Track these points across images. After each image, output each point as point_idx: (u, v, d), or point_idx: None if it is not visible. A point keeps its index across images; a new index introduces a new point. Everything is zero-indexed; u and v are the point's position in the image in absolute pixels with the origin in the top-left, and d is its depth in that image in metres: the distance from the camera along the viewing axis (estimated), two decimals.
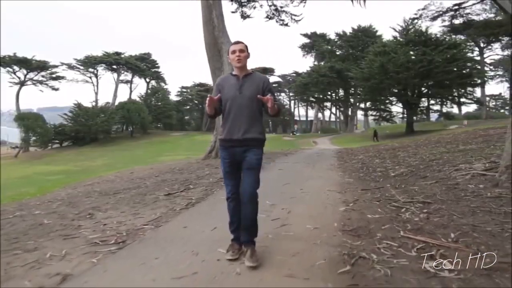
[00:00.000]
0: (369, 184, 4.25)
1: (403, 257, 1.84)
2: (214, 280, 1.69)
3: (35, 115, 36.81)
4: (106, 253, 2.22)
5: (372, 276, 1.64)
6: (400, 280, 1.57)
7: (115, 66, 47.18)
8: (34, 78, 41.48)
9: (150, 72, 51.42)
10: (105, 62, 46.06)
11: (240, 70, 2.06)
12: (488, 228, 2.08)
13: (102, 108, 39.91)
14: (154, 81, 53.53)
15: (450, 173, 3.98)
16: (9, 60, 38.28)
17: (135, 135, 39.78)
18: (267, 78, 2.15)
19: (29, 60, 38.96)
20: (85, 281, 1.79)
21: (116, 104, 43.72)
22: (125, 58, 46.88)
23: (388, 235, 2.19)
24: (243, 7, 14.66)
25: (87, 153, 30.53)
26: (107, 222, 3.04)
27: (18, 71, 40.09)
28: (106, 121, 36.24)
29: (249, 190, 1.96)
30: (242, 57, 2.01)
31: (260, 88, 2.02)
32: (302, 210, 3.08)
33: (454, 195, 3.03)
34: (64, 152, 33.45)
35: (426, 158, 6.03)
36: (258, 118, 2.04)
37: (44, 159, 30.70)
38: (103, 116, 36.51)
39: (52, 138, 36.17)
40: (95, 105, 41.42)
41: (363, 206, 3.09)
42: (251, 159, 1.98)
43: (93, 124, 35.20)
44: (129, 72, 49.71)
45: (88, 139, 35.63)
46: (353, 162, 7.28)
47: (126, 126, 42.67)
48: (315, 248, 2.08)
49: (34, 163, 27.62)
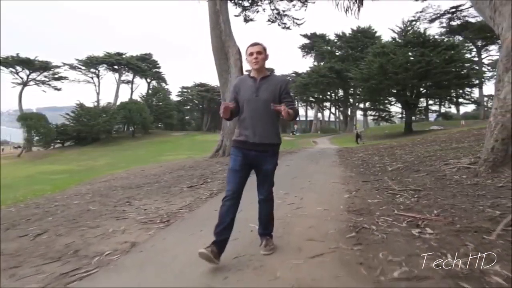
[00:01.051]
0: (368, 177, 4.79)
1: (396, 227, 2.37)
2: (252, 243, 2.22)
3: (38, 115, 37.03)
4: (157, 229, 2.75)
5: (372, 239, 2.17)
6: (393, 241, 2.11)
7: (116, 66, 47.67)
8: (36, 78, 41.94)
9: (151, 72, 51.93)
10: (106, 62, 46.54)
11: (257, 72, 2.02)
12: (463, 206, 2.62)
13: (104, 108, 40.30)
14: (155, 81, 54.07)
15: (440, 167, 4.54)
16: (12, 61, 38.68)
17: (136, 135, 40.22)
18: (285, 80, 2.11)
19: (32, 60, 39.39)
20: (151, 245, 2.32)
21: (117, 104, 44.15)
22: (126, 58, 47.40)
23: (384, 213, 2.73)
24: (247, 10, 15.21)
25: (89, 153, 30.71)
26: (146, 208, 3.57)
27: (21, 71, 40.53)
28: (108, 121, 36.70)
29: (265, 194, 2.05)
30: (259, 59, 1.98)
31: (277, 91, 1.99)
32: (312, 197, 3.62)
33: (440, 184, 3.58)
34: (66, 152, 33.70)
35: (420, 155, 6.57)
36: (274, 121, 2.01)
37: (47, 158, 30.91)
38: (105, 116, 36.95)
39: (55, 138, 36.55)
40: (97, 105, 41.85)
41: (364, 194, 3.63)
42: (267, 169, 2.00)
43: (95, 124, 35.61)
44: (130, 72, 50.21)
45: (90, 139, 36.01)
46: (353, 160, 7.82)
47: (127, 126, 43.07)
48: (326, 223, 2.62)
49: (37, 163, 27.88)
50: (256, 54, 1.98)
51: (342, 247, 2.05)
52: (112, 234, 2.66)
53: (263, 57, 2.00)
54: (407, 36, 26.87)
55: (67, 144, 37.95)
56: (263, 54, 2.00)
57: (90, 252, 2.23)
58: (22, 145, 36.33)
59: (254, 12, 15.15)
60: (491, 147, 3.57)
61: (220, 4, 10.67)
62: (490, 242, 1.88)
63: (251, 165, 1.99)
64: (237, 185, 1.93)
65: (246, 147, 1.96)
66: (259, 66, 1.99)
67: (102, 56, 45.95)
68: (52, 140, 36.38)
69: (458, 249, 1.83)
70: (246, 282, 1.66)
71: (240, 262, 1.93)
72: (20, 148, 37.04)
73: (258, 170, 2.01)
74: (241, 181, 1.95)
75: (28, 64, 39.53)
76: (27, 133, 34.67)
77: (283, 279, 1.66)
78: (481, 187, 3.13)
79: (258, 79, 2.02)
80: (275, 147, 2.04)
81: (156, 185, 5.56)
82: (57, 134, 36.41)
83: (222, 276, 1.74)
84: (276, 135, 2.03)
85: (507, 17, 3.77)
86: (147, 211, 3.44)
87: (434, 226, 2.27)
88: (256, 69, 2.01)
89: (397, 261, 1.76)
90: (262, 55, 2.00)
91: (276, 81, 2.03)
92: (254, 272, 1.78)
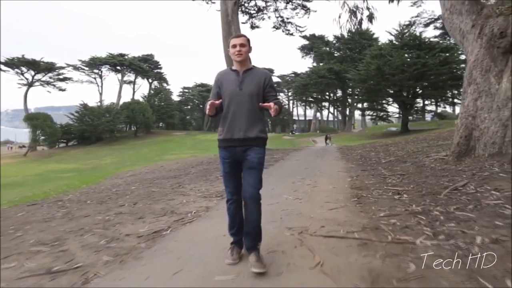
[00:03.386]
0: (366, 167, 5.96)
1: (384, 195, 3.53)
2: (293, 207, 3.36)
3: (44, 115, 37.61)
4: (217, 200, 3.88)
5: (368, 201, 3.33)
6: (381, 201, 3.26)
7: (119, 67, 48.56)
8: (42, 79, 42.78)
9: (152, 73, 52.82)
10: (109, 63, 47.41)
11: (240, 65, 1.95)
12: (430, 182, 3.79)
13: (107, 108, 40.92)
14: (157, 82, 55.01)
15: (422, 159, 5.71)
16: (18, 62, 39.49)
17: (138, 134, 40.98)
18: (268, 73, 2.03)
19: (37, 62, 40.25)
20: (218, 208, 3.44)
21: (120, 104, 44.95)
22: (129, 59, 48.24)
23: (377, 188, 3.89)
24: (253, 18, 16.35)
25: (94, 152, 31.17)
26: (199, 188, 4.70)
27: (26, 72, 41.34)
28: (111, 121, 37.46)
29: (250, 190, 1.87)
30: (243, 51, 1.91)
31: (261, 85, 1.94)
32: (323, 180, 4.78)
33: (419, 170, 4.74)
34: (71, 151, 34.14)
35: (410, 151, 7.76)
36: (259, 115, 1.93)
37: (53, 157, 31.24)
38: (108, 116, 37.71)
39: (60, 137, 37.21)
40: (101, 105, 42.62)
41: (362, 178, 4.79)
42: (252, 158, 1.89)
43: (99, 124, 36.39)
44: (132, 73, 51.09)
45: (93, 139, 36.74)
46: (353, 155, 9.00)
47: (130, 126, 43.81)
48: (336, 194, 3.77)
49: (44, 162, 28.38)
50: (239, 46, 1.92)
51: (349, 205, 3.21)
52: (187, 203, 3.79)
53: (246, 49, 1.94)
54: (404, 38, 27.89)
55: (70, 144, 38.68)
56: (246, 46, 1.95)
57: (182, 212, 3.36)
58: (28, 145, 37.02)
59: (260, 19, 16.31)
60: (457, 142, 4.75)
61: (232, 15, 11.80)
62: (439, 199, 3.05)
63: (239, 161, 1.94)
64: (235, 187, 1.96)
65: (232, 144, 1.91)
66: (242, 58, 1.93)
67: (105, 57, 46.79)
68: (57, 140, 36.96)
69: (420, 202, 3.00)
70: (291, 218, 2.80)
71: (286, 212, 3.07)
72: (25, 147, 37.75)
73: (244, 162, 1.92)
74: (237, 183, 1.96)
75: (33, 65, 40.33)
76: (32, 132, 35.25)
77: (315, 218, 2.80)
78: (446, 171, 4.31)
79: (241, 72, 1.95)
80: (262, 140, 1.95)
81: (189, 175, 6.68)
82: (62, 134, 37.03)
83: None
84: (261, 131, 1.94)
85: (471, 43, 4.93)
86: (200, 190, 4.57)
87: (409, 193, 3.44)
88: (239, 62, 1.94)
89: (383, 209, 2.92)
90: (245, 48, 1.94)
91: (260, 74, 1.97)
92: (296, 215, 2.92)
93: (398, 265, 1.73)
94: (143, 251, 2.20)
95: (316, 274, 1.71)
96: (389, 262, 1.77)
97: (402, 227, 2.35)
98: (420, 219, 2.49)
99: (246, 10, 15.74)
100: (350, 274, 1.67)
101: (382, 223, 2.49)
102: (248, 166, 1.90)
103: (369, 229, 2.37)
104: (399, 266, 1.72)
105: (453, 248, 1.88)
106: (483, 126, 4.51)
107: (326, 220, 2.68)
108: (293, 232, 2.41)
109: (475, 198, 2.88)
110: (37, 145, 36.64)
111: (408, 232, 2.24)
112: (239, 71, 1.96)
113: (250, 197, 1.88)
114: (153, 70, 52.97)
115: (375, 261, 1.81)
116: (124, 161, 22.37)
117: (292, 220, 2.75)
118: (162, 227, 2.77)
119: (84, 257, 2.11)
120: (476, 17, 4.92)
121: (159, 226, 2.81)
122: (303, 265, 1.82)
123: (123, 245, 2.33)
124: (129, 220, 3.08)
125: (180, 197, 4.17)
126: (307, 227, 2.50)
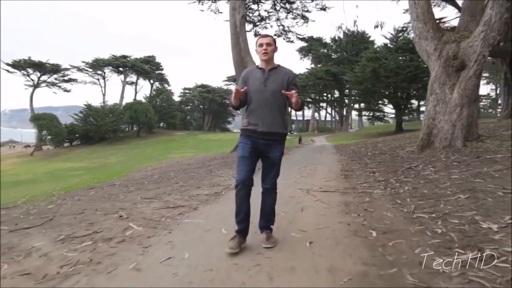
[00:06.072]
0: (354, 158, 7.52)
1: (363, 174, 5.06)
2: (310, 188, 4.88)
3: (50, 116, 38.48)
4: None
5: (352, 176, 4.87)
6: (360, 176, 4.79)
7: (121, 68, 49.72)
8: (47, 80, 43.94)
9: (154, 74, 53.96)
10: (112, 64, 48.57)
11: (266, 63, 2.08)
12: (396, 165, 5.35)
13: (111, 108, 41.92)
14: (158, 83, 56.22)
15: (398, 151, 7.26)
16: (24, 64, 40.65)
17: (141, 134, 41.96)
18: (292, 72, 2.14)
19: (43, 63, 41.42)
20: None
21: (123, 104, 46.01)
22: (131, 61, 49.36)
23: (359, 170, 5.44)
24: (257, 27, 17.84)
25: (98, 152, 32.18)
26: (228, 172, 6.18)
27: (32, 73, 42.49)
28: (115, 121, 38.48)
29: (271, 182, 2.10)
30: (269, 50, 2.04)
31: (285, 82, 2.05)
32: (321, 167, 6.31)
33: (393, 159, 6.30)
34: (76, 151, 34.87)
35: (393, 146, 9.32)
36: (281, 112, 2.07)
37: (59, 157, 31.74)
38: (111, 116, 38.70)
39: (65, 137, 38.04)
40: (104, 105, 43.65)
41: (351, 165, 6.34)
42: (274, 156, 2.05)
43: (103, 124, 37.33)
44: (134, 74, 52.23)
45: (97, 139, 37.71)
46: (346, 151, 10.55)
47: (132, 126, 44.63)
48: (331, 174, 5.30)
49: (51, 161, 29.09)
50: (266, 45, 2.04)
51: (339, 179, 4.75)
52: (225, 180, 5.29)
53: (272, 48, 2.06)
54: (398, 42, 29.04)
55: (74, 143, 39.63)
56: (272, 45, 2.07)
57: (225, 184, 4.85)
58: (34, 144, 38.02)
59: (263, 28, 17.79)
60: (421, 138, 6.32)
61: (240, 27, 13.28)
62: (397, 174, 4.60)
63: (259, 152, 2.06)
64: (248, 173, 2.02)
65: (255, 135, 2.03)
66: (268, 57, 2.06)
67: (108, 58, 47.91)
68: (63, 139, 37.95)
69: (384, 175, 4.55)
70: (300, 185, 4.30)
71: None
72: (30, 147, 38.68)
73: (265, 158, 2.08)
74: (251, 169, 2.04)
75: (39, 67, 41.48)
76: (39, 132, 36.09)
77: (316, 184, 4.31)
78: (410, 158, 5.87)
79: (266, 70, 2.08)
80: (282, 136, 2.10)
81: (211, 167, 8.15)
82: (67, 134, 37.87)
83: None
84: (283, 125, 2.08)
85: (433, 62, 6.48)
86: (229, 174, 6.06)
87: (380, 172, 4.99)
88: (264, 60, 2.07)
89: (360, 180, 4.45)
90: (271, 47, 2.06)
91: (284, 73, 2.09)
92: (303, 184, 4.43)
93: (361, 199, 3.28)
94: (214, 200, 3.71)
95: (317, 203, 3.24)
96: (356, 198, 3.32)
97: (369, 187, 3.89)
98: (380, 183, 4.04)
99: (251, 20, 17.21)
100: (334, 203, 3.21)
101: (358, 186, 4.03)
102: (270, 163, 2.09)
103: (349, 188, 3.92)
104: (361, 199, 3.27)
105: (391, 192, 3.42)
106: (439, 126, 6.07)
107: (323, 186, 4.22)
108: (302, 190, 3.95)
109: (417, 172, 4.44)
110: (43, 144, 37.56)
111: (371, 189, 3.79)
112: (265, 69, 2.09)
113: (270, 188, 2.13)
114: (154, 71, 54.05)
115: (349, 198, 3.36)
116: (129, 160, 23.43)
117: (301, 185, 4.30)
118: (217, 191, 4.28)
119: (182, 201, 3.61)
120: (437, 42, 6.47)
121: (215, 190, 4.32)
122: (310, 200, 3.36)
123: (200, 198, 3.83)
124: (192, 189, 4.59)
125: (216, 178, 5.67)
126: (311, 188, 4.03)
